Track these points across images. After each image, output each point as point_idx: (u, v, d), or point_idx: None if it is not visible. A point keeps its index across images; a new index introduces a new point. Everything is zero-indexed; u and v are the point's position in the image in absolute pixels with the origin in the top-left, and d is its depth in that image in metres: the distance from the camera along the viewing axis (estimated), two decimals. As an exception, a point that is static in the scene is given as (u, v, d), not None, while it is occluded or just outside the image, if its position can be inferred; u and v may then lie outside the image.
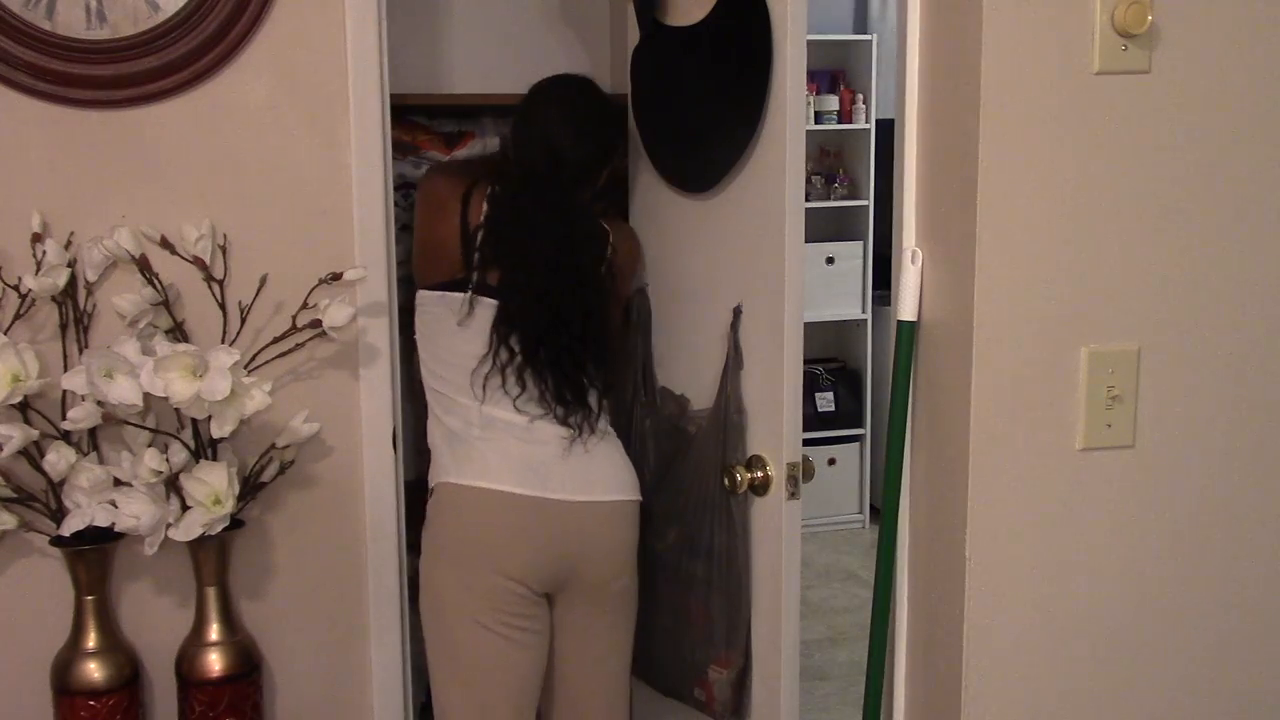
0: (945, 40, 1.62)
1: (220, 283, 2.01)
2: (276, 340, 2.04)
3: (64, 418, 1.88)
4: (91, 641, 1.97)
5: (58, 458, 1.89)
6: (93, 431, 1.94)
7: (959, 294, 1.60)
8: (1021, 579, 1.63)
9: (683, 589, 2.19)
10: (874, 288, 5.17)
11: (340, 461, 2.12)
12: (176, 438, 1.93)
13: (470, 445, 2.08)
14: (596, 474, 2.12)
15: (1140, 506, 1.65)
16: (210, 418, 1.86)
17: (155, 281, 1.96)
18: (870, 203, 5.13)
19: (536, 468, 2.07)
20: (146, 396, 1.81)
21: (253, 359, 2.02)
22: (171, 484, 1.92)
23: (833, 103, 5.11)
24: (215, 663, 2.00)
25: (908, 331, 1.70)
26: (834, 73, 5.18)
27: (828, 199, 5.13)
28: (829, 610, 4.33)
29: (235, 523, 1.97)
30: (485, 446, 2.07)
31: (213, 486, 1.89)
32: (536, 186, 2.13)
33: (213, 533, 1.92)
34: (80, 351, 1.95)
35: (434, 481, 2.13)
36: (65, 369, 1.93)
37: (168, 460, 1.89)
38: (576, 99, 2.24)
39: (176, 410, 1.86)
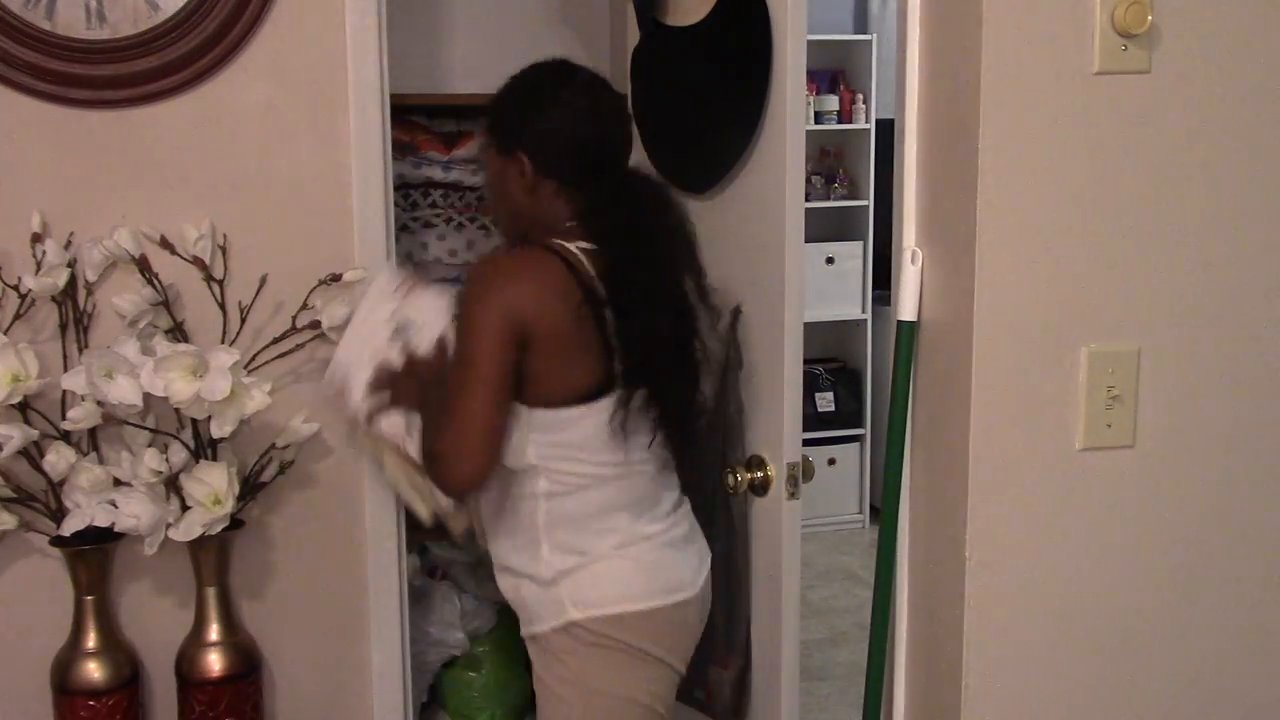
0: (945, 40, 1.62)
1: (220, 283, 2.01)
2: (276, 340, 2.04)
3: (64, 418, 1.88)
4: (91, 641, 1.97)
5: (58, 458, 1.89)
6: (93, 431, 1.94)
7: (959, 294, 1.60)
8: (1021, 579, 1.63)
9: (683, 589, 2.19)
10: (874, 288, 5.17)
11: (340, 461, 2.12)
12: (176, 438, 1.93)
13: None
14: None
15: (1140, 506, 1.65)
16: (210, 418, 1.86)
17: (155, 281, 1.96)
18: (870, 203, 5.13)
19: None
20: (146, 396, 1.81)
21: (253, 359, 2.02)
22: (171, 484, 1.92)
23: (833, 103, 5.11)
24: (215, 663, 2.00)
25: (908, 331, 1.70)
26: (834, 73, 5.18)
27: (828, 199, 5.13)
28: (829, 610, 4.33)
29: (235, 523, 1.97)
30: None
31: (213, 486, 1.89)
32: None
33: (213, 533, 1.92)
34: (80, 351, 1.95)
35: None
36: (65, 369, 1.93)
37: (168, 460, 1.89)
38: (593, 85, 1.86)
39: (176, 410, 1.86)
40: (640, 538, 1.82)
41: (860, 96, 5.13)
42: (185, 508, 1.92)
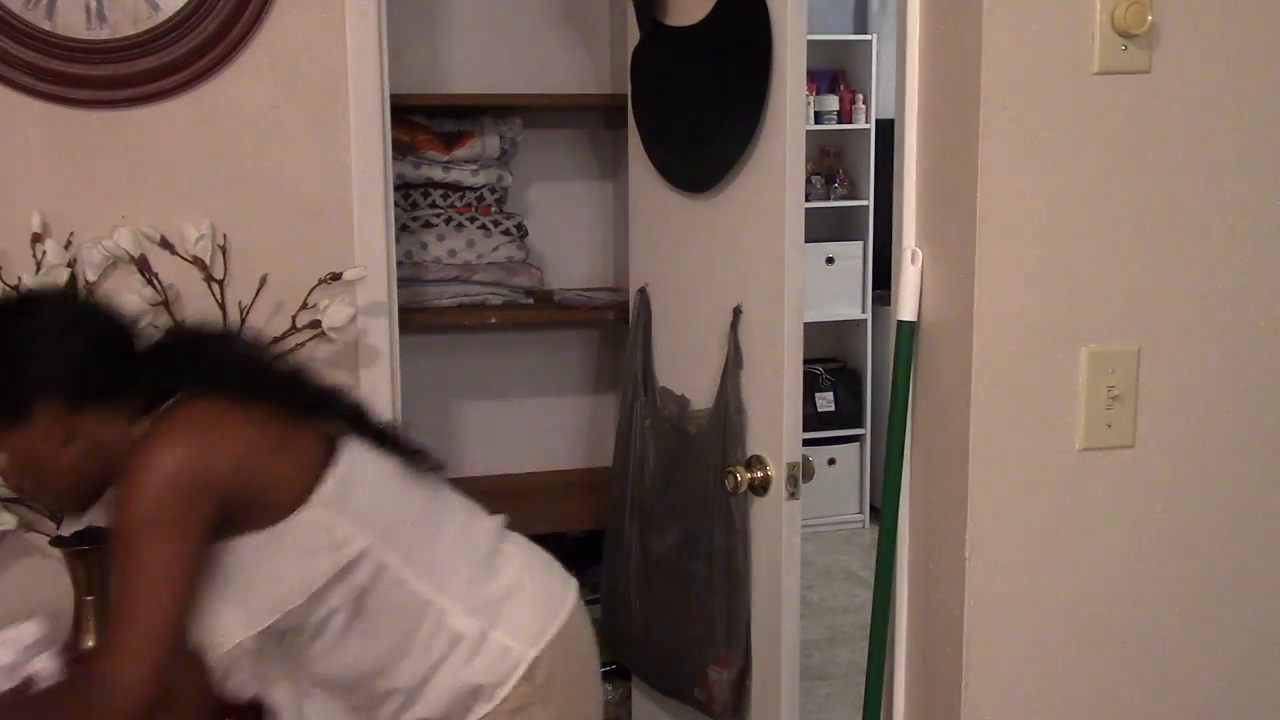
0: (945, 40, 1.62)
1: (220, 283, 2.01)
2: (276, 340, 2.04)
3: (64, 418, 1.88)
4: (91, 641, 1.97)
5: (58, 458, 1.89)
6: (93, 431, 1.94)
7: (959, 294, 1.60)
8: (1021, 579, 1.63)
9: (683, 589, 2.19)
10: (874, 288, 5.16)
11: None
12: (176, 438, 1.92)
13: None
14: None
15: (1140, 506, 1.65)
16: (210, 418, 1.85)
17: (155, 281, 1.96)
18: (870, 203, 5.13)
19: None
20: (146, 396, 1.81)
21: (253, 359, 2.02)
22: (171, 484, 1.92)
23: (833, 103, 5.11)
24: (215, 663, 2.00)
25: (908, 331, 1.70)
26: (834, 73, 5.18)
27: (828, 199, 5.13)
28: (829, 610, 4.33)
29: (235, 523, 1.97)
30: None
31: (213, 486, 1.89)
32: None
33: (213, 533, 1.91)
34: (80, 351, 1.95)
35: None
36: (65, 369, 1.93)
37: (168, 460, 1.89)
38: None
39: (176, 410, 1.86)
40: (501, 550, 1.66)
41: (860, 96, 5.13)
42: (185, 508, 1.91)
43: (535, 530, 2.75)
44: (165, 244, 1.98)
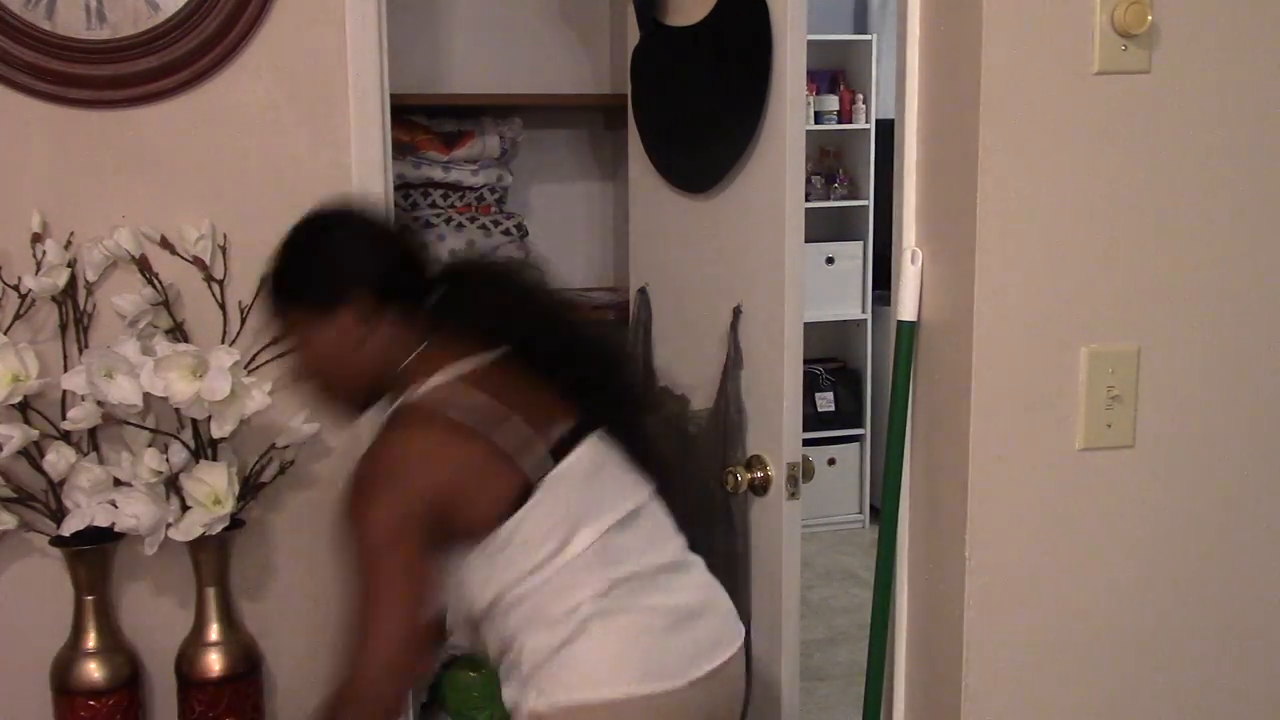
0: (945, 40, 1.62)
1: (220, 283, 2.01)
2: (276, 340, 2.04)
3: (64, 418, 1.88)
4: (91, 641, 1.97)
5: (58, 458, 1.89)
6: (93, 431, 1.94)
7: (959, 294, 1.60)
8: (1021, 579, 1.63)
9: (683, 589, 2.19)
10: (874, 288, 5.16)
11: (340, 462, 2.12)
12: (176, 438, 1.93)
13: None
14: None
15: (1140, 506, 1.65)
16: (210, 418, 1.86)
17: (155, 281, 1.96)
18: (870, 203, 5.13)
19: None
20: (146, 396, 1.81)
21: (253, 359, 2.02)
22: (171, 484, 1.92)
23: (833, 103, 5.11)
24: (215, 663, 2.00)
25: (908, 331, 1.70)
26: (834, 73, 5.18)
27: (828, 199, 5.13)
28: (829, 610, 4.33)
29: (235, 523, 1.97)
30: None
31: (213, 486, 1.89)
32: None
33: (213, 533, 1.92)
34: (80, 351, 1.95)
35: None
36: (65, 369, 1.93)
37: (168, 460, 1.89)
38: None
39: (176, 410, 1.86)
40: (609, 613, 1.56)
41: (860, 96, 5.13)
42: (185, 508, 1.92)
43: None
44: (165, 244, 1.98)
